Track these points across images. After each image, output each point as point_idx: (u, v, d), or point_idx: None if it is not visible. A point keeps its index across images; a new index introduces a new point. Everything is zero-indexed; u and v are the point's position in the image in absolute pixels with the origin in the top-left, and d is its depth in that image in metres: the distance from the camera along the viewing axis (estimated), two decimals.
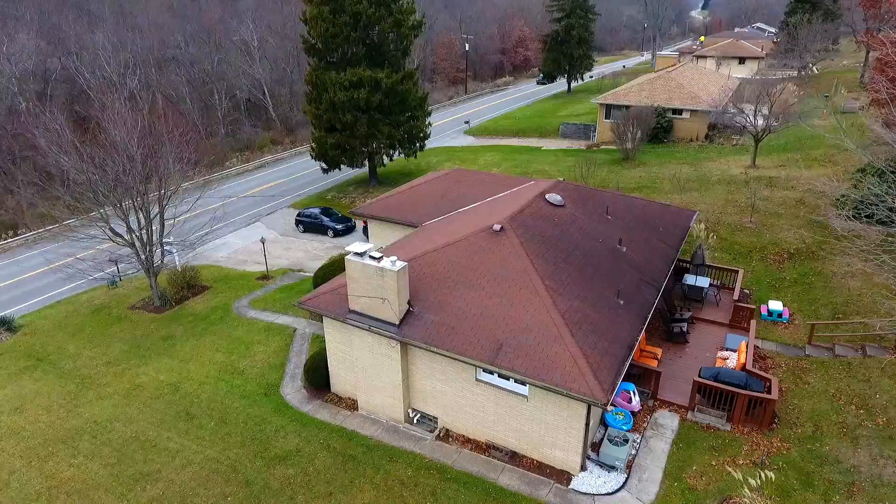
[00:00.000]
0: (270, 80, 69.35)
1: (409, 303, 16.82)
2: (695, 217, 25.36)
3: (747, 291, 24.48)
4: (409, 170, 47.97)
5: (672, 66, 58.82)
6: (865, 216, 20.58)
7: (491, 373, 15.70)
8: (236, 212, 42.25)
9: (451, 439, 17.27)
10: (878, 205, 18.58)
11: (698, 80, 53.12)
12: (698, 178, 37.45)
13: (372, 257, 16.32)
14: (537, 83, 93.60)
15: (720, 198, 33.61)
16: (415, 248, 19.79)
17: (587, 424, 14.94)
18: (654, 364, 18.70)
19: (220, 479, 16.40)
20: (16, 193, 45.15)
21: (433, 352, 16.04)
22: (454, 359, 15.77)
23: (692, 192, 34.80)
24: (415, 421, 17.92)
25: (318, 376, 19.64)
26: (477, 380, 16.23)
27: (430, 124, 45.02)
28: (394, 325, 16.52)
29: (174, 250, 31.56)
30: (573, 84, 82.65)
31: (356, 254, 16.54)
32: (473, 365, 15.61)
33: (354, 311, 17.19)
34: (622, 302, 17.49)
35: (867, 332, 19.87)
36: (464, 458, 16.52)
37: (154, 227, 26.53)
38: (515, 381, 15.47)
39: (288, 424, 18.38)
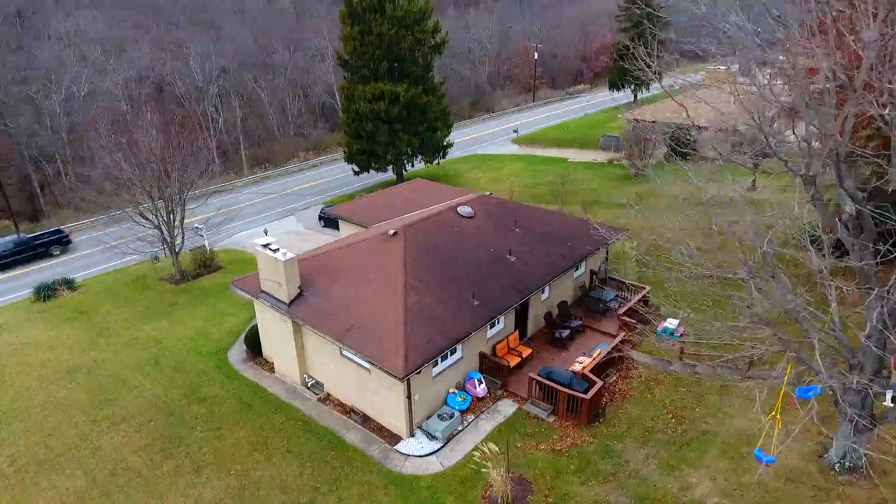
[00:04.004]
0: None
1: (300, 287, 20.99)
2: (621, 236, 27.14)
3: (663, 308, 25.96)
4: (437, 174, 51.96)
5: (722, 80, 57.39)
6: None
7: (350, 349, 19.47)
8: (277, 205, 48.64)
9: (329, 402, 21.23)
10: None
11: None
12: (688, 199, 37.88)
13: (271, 249, 20.68)
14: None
15: (691, 220, 34.23)
16: (336, 244, 23.89)
17: (408, 397, 18.27)
18: (516, 361, 21.41)
19: (153, 409, 21.62)
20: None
21: (307, 328, 20.11)
22: (320, 335, 19.73)
23: (668, 211, 35.60)
24: (309, 385, 22.06)
25: (252, 343, 24.38)
26: (342, 354, 20.05)
27: (450, 135, 48.65)
28: (285, 304, 20.78)
29: (204, 234, 38.02)
30: (640, 95, 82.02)
31: (262, 245, 20.97)
32: (332, 341, 19.48)
33: (264, 292, 21.68)
34: (476, 303, 20.45)
35: (732, 354, 21.06)
36: (330, 417, 20.43)
37: (176, 214, 32.81)
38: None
39: (219, 377, 23.29)
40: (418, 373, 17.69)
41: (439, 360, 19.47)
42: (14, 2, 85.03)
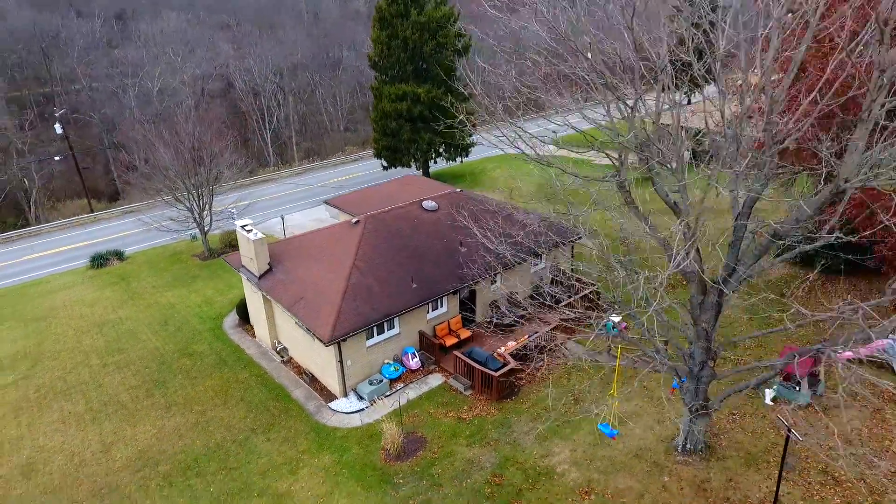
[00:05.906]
0: None
1: (269, 264, 24.41)
2: (581, 237, 28.69)
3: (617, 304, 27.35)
4: (462, 172, 54.60)
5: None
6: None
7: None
8: (313, 195, 52.95)
9: (289, 364, 24.55)
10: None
11: None
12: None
13: (247, 230, 24.22)
14: None
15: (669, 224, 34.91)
16: (314, 230, 27.18)
17: (340, 362, 21.19)
18: (453, 341, 23.81)
19: (150, 357, 25.86)
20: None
21: (269, 298, 23.49)
22: (277, 304, 23.04)
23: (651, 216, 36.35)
24: (278, 349, 25.48)
25: (242, 311, 28.16)
26: (296, 323, 23.27)
27: (472, 135, 50.91)
28: (255, 277, 24.28)
29: (236, 217, 42.67)
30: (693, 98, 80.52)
31: (241, 226, 24.55)
32: (284, 310, 22.72)
33: (243, 266, 25.30)
34: (415, 286, 23.02)
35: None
36: (285, 376, 23.73)
37: (205, 199, 37.48)
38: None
39: (209, 338, 27.23)
40: (344, 340, 20.57)
41: (375, 332, 22.27)
42: (115, 4, 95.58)
